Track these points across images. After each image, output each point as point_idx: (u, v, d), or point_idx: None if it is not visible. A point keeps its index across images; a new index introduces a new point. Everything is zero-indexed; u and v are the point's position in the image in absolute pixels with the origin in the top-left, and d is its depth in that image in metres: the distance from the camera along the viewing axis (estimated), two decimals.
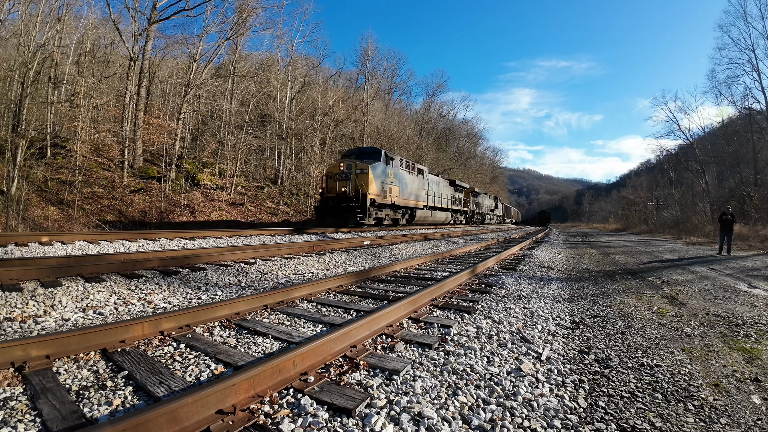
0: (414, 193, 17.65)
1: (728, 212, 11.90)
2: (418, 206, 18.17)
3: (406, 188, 16.69)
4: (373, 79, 40.86)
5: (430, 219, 20.06)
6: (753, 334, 3.27)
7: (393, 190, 15.33)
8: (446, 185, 23.99)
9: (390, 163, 15.40)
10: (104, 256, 5.12)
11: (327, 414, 1.62)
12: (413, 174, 17.98)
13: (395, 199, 15.44)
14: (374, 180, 13.69)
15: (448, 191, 23.88)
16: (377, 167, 14.15)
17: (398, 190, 15.90)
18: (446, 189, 23.69)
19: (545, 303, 4.09)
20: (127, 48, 19.32)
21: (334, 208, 13.32)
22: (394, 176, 15.50)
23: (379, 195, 14.08)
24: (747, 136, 30.50)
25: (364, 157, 14.79)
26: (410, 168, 17.71)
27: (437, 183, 21.85)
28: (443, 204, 22.39)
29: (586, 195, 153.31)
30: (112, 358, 2.14)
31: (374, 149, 15.43)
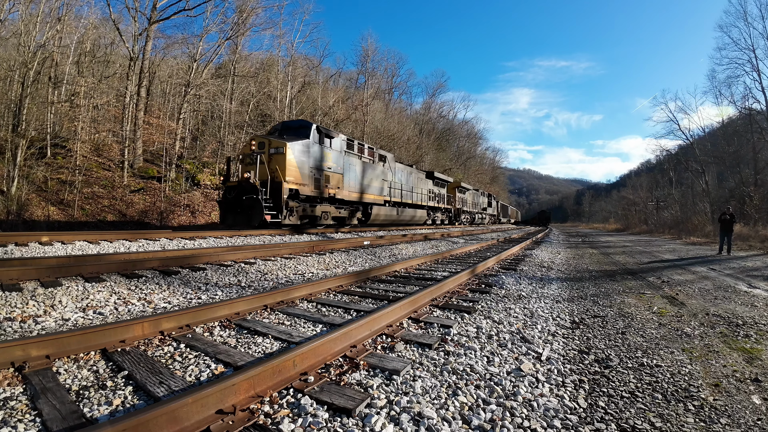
0: (370, 184, 14.23)
1: (728, 212, 11.89)
2: (376, 201, 14.75)
3: (355, 177, 13.23)
4: (373, 79, 40.91)
5: (394, 217, 16.59)
6: (753, 335, 3.27)
7: (332, 179, 11.92)
8: (421, 178, 20.67)
9: (327, 142, 11.74)
10: (104, 256, 5.12)
11: (327, 414, 1.62)
12: (368, 160, 14.39)
13: (336, 191, 12.07)
14: (295, 163, 10.29)
15: (424, 185, 20.72)
16: (301, 146, 10.57)
17: (341, 180, 12.41)
18: (422, 182, 20.55)
19: (545, 303, 4.09)
20: (127, 48, 19.32)
21: (233, 202, 9.92)
22: (334, 160, 12.01)
23: (305, 184, 10.73)
24: (747, 136, 30.51)
25: (288, 133, 11.22)
26: (364, 152, 14.20)
27: (407, 174, 18.50)
28: (417, 200, 19.37)
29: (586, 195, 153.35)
30: (112, 358, 2.14)
31: (302, 123, 11.70)
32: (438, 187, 23.74)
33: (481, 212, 36.70)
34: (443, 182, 24.95)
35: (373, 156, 15.05)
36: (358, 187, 13.60)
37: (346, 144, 12.97)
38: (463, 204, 29.59)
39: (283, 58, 29.98)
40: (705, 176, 34.13)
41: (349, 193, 13.01)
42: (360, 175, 13.73)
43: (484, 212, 37.86)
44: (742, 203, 24.39)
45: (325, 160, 11.70)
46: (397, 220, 17.18)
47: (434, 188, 22.78)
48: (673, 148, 42.07)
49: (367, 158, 14.46)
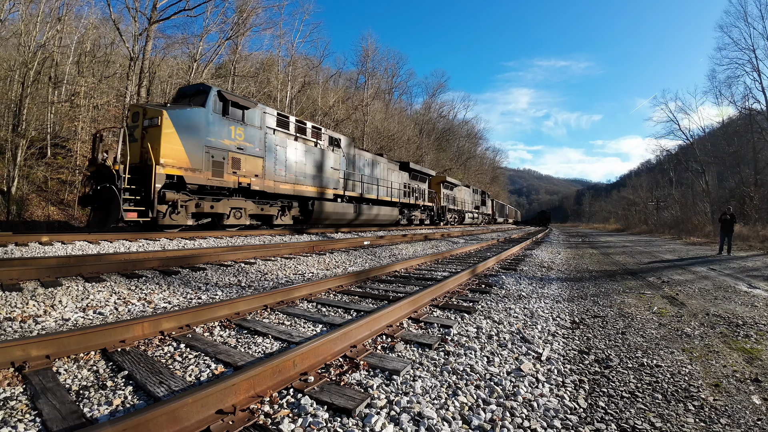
0: (314, 174, 11.63)
1: (729, 212, 11.89)
2: (323, 195, 12.09)
3: (288, 164, 10.52)
4: (374, 79, 40.90)
5: (351, 216, 13.61)
6: (753, 335, 3.27)
7: (246, 164, 9.08)
8: (393, 169, 17.66)
9: (237, 114, 8.90)
10: (104, 256, 5.12)
11: (327, 414, 1.62)
12: (312, 143, 11.60)
13: (253, 180, 9.34)
14: (178, 139, 7.62)
15: (397, 178, 17.81)
16: (189, 117, 7.85)
17: (262, 165, 9.64)
18: (394, 174, 17.57)
19: (545, 303, 4.09)
20: (128, 48, 19.31)
21: (90, 195, 7.55)
22: (249, 139, 9.21)
23: (196, 169, 8.03)
24: (747, 137, 30.52)
25: (182, 101, 8.79)
26: (306, 133, 11.40)
27: (371, 163, 15.53)
28: (386, 195, 16.47)
29: (586, 195, 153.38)
30: (112, 358, 2.14)
31: (200, 87, 8.80)
32: (417, 181, 20.79)
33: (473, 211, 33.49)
34: (424, 176, 21.80)
35: (319, 138, 12.03)
36: (293, 177, 10.75)
37: (276, 120, 10.18)
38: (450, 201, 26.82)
39: (283, 58, 30.00)
40: (705, 176, 34.14)
41: (275, 184, 10.14)
42: (298, 162, 10.93)
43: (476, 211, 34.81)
44: (742, 203, 24.38)
45: (232, 138, 8.72)
46: (354, 220, 14.09)
47: (411, 182, 19.79)
48: (673, 148, 42.15)
49: (311, 140, 11.59)
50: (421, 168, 21.29)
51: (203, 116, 8.25)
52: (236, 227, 9.90)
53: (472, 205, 33.48)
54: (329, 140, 12.73)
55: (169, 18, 20.14)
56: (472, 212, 33.09)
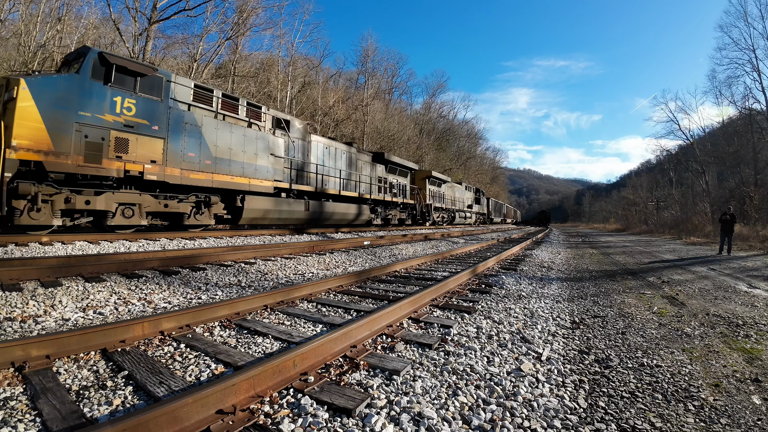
0: (243, 161, 9.40)
1: (729, 212, 11.90)
2: (262, 188, 9.94)
3: (201, 148, 8.41)
4: (374, 79, 40.93)
5: (300, 214, 11.34)
6: (753, 335, 3.27)
7: (139, 146, 7.29)
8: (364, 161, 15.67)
9: (126, 81, 7.18)
10: (104, 256, 5.12)
11: (327, 414, 1.62)
12: (239, 122, 9.50)
13: (146, 168, 7.41)
14: (38, 115, 6.11)
15: (368, 171, 15.90)
16: (53, 86, 6.35)
17: (163, 149, 7.69)
18: (365, 167, 15.65)
19: (545, 303, 4.09)
20: (128, 48, 19.32)
21: None
22: (144, 114, 7.38)
23: (62, 153, 6.39)
24: (747, 137, 30.54)
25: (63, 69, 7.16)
26: (238, 111, 9.49)
27: (332, 152, 13.45)
28: (352, 190, 14.44)
29: (586, 195, 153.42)
30: (113, 358, 2.14)
31: (81, 50, 7.08)
32: (396, 175, 18.54)
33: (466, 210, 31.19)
34: (405, 170, 19.44)
35: (258, 119, 9.93)
36: (210, 164, 8.54)
37: (192, 93, 8.33)
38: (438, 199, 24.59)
39: (283, 58, 30.03)
40: (705, 176, 34.16)
41: (182, 173, 7.99)
42: (220, 146, 8.79)
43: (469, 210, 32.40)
44: (743, 203, 24.39)
45: (118, 112, 6.91)
46: (306, 220, 11.74)
47: (389, 177, 17.67)
48: (673, 148, 42.18)
49: (243, 120, 9.55)
50: (400, 160, 18.73)
51: (76, 85, 6.53)
52: (129, 229, 7.79)
53: (465, 203, 31.25)
54: (273, 122, 10.61)
55: (169, 18, 20.18)
56: (464, 211, 30.87)
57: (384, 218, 17.39)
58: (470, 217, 32.89)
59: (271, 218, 10.57)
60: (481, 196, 37.58)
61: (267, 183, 10.21)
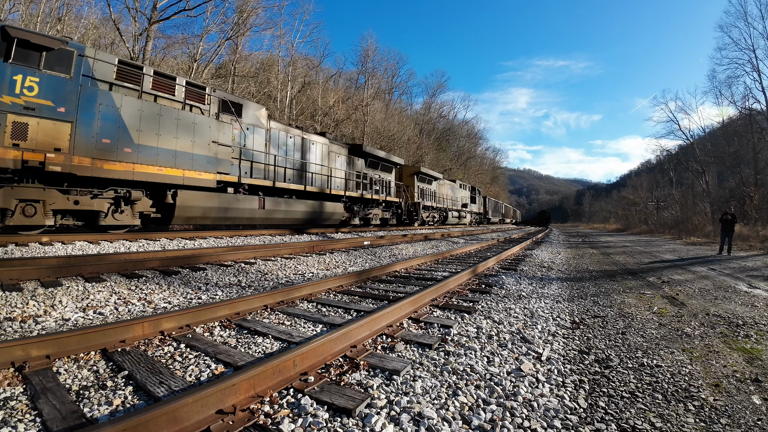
0: (176, 150, 7.99)
1: (730, 212, 11.90)
2: (200, 182, 8.44)
3: (120, 133, 7.09)
4: (374, 79, 40.93)
5: (254, 213, 9.89)
6: (753, 335, 3.27)
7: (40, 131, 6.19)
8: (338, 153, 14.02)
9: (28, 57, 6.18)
10: (104, 256, 5.12)
11: (327, 414, 1.62)
12: (174, 104, 8.22)
13: (49, 157, 6.25)
14: None
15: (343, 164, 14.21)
16: None
17: (70, 134, 6.51)
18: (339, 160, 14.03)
19: (545, 303, 4.09)
20: (128, 48, 19.33)
21: None
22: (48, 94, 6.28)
23: None
24: (747, 137, 30.53)
25: None
26: (167, 89, 8.15)
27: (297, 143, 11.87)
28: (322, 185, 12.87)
29: (586, 195, 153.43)
30: (113, 358, 2.14)
31: None
32: (378, 171, 16.80)
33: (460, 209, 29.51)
34: (389, 164, 17.63)
35: (201, 101, 8.69)
36: (131, 153, 7.22)
37: (116, 70, 7.20)
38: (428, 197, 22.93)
39: (283, 58, 30.03)
40: (705, 176, 34.15)
41: (94, 163, 6.78)
42: (147, 131, 7.46)
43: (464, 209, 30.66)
44: (743, 203, 24.39)
45: (17, 92, 6.02)
46: (259, 218, 10.13)
47: (370, 172, 16.02)
48: (673, 148, 42.18)
49: (178, 102, 8.28)
50: (383, 154, 16.99)
51: None
52: (34, 229, 6.68)
53: (459, 202, 29.61)
54: (220, 105, 9.16)
55: (169, 18, 20.19)
56: (458, 211, 29.01)
57: (363, 218, 15.79)
58: (465, 216, 31.13)
59: (215, 217, 8.96)
60: (477, 195, 35.96)
61: (207, 176, 8.66)
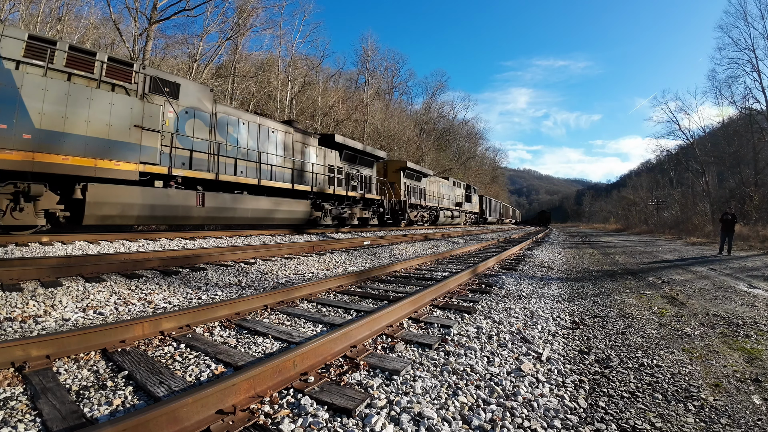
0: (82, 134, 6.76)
1: (730, 212, 11.90)
2: (105, 172, 7.06)
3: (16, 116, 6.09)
4: (374, 79, 40.94)
5: (189, 211, 8.43)
6: (753, 335, 3.27)
7: None
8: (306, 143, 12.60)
9: None
10: (104, 256, 5.12)
11: (327, 414, 1.62)
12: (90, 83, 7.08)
13: None
14: None
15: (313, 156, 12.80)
16: None
17: None
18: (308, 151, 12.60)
19: (545, 303, 4.09)
20: (128, 48, 19.32)
21: None
22: None
23: None
24: (747, 137, 30.53)
25: None
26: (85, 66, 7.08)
27: (252, 130, 10.41)
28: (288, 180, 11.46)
29: (586, 195, 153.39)
30: (113, 358, 2.14)
31: None
32: (356, 165, 15.28)
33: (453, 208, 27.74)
34: (369, 158, 15.84)
35: (127, 80, 7.55)
36: (33, 139, 6.20)
37: (24, 46, 6.37)
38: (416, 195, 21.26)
39: (283, 58, 30.03)
40: (705, 176, 34.15)
41: None
42: (52, 113, 6.41)
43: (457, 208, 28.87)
44: (743, 203, 24.39)
45: None
46: (198, 216, 8.59)
47: (346, 166, 14.59)
48: (673, 148, 42.19)
49: (94, 79, 7.14)
50: (361, 146, 15.23)
51: None
52: None
53: (452, 200, 28.09)
54: (151, 85, 7.93)
55: (169, 18, 20.18)
56: (451, 210, 27.21)
57: (337, 217, 14.13)
58: (459, 216, 29.34)
59: (138, 216, 7.61)
60: (472, 194, 34.10)
61: (127, 166, 7.28)
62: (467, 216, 32.65)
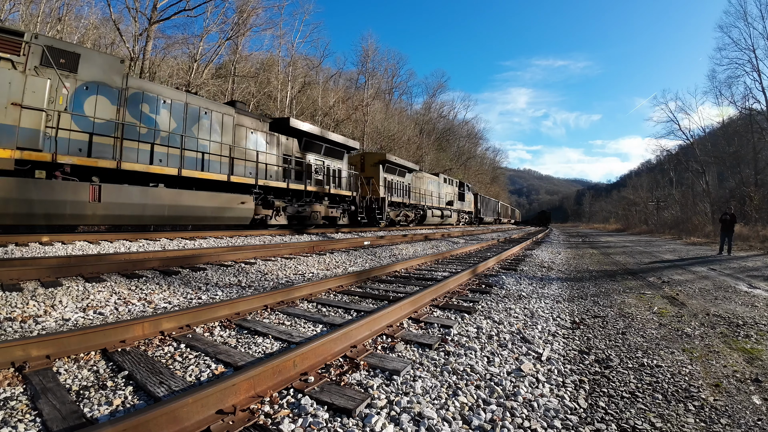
0: None
1: (730, 212, 11.91)
2: None
3: None
4: (374, 80, 40.94)
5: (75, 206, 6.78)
6: (753, 335, 3.27)
7: None
8: (253, 128, 10.71)
9: None
10: (105, 256, 5.12)
11: (327, 414, 1.62)
12: None
13: None
14: None
15: (262, 144, 10.91)
16: None
17: None
18: (254, 137, 10.71)
19: (545, 303, 4.09)
20: (128, 48, 19.32)
21: None
22: None
23: None
24: (747, 137, 30.52)
25: None
26: None
27: (167, 107, 8.60)
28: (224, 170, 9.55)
29: (587, 195, 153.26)
30: (113, 358, 2.14)
31: None
32: (322, 156, 13.18)
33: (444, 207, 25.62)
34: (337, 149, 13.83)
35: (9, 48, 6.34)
36: None
37: None
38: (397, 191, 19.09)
39: (283, 58, 30.04)
40: (705, 176, 34.14)
41: None
42: None
43: (449, 207, 26.77)
44: (743, 203, 24.38)
45: None
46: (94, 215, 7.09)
47: (308, 156, 12.52)
48: (673, 148, 42.17)
49: None
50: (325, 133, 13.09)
51: None
52: None
53: (443, 199, 26.12)
54: (44, 56, 6.59)
55: (169, 18, 20.18)
56: (441, 209, 25.04)
57: (294, 215, 12.05)
58: (450, 216, 27.01)
59: (17, 214, 6.23)
60: (466, 192, 31.74)
61: None
62: (460, 216, 30.61)
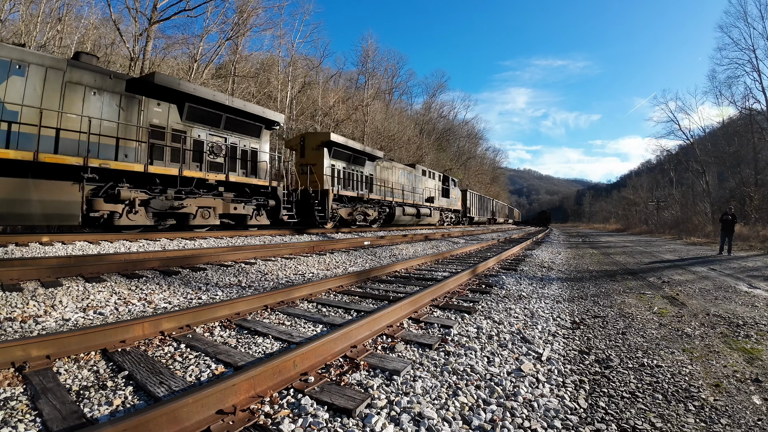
0: None
1: (730, 212, 11.90)
2: None
3: None
4: (374, 80, 40.92)
5: None
6: (753, 335, 3.27)
7: None
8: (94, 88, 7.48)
9: None
10: (105, 256, 5.12)
11: (327, 414, 1.62)
12: None
13: None
14: None
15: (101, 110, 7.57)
16: None
17: None
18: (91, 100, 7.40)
19: (546, 303, 4.09)
20: (128, 48, 19.32)
21: None
22: None
23: None
24: (747, 137, 30.53)
25: None
26: None
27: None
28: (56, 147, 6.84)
29: (587, 195, 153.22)
30: (113, 358, 2.14)
31: None
32: (221, 131, 9.96)
33: (421, 204, 21.99)
34: (250, 123, 10.67)
35: None
36: None
37: None
38: (351, 183, 15.68)
39: (283, 58, 30.02)
40: (705, 176, 34.14)
41: None
42: None
43: (428, 204, 23.16)
44: (743, 203, 24.38)
45: None
46: None
47: (193, 129, 9.21)
48: (673, 148, 42.19)
49: None
50: (229, 100, 9.81)
51: None
52: None
53: (420, 194, 22.21)
54: None
55: (169, 18, 20.17)
56: (415, 206, 21.08)
57: (171, 213, 8.83)
58: (430, 214, 22.85)
59: None
60: (452, 187, 27.62)
61: None
62: (444, 214, 26.33)
